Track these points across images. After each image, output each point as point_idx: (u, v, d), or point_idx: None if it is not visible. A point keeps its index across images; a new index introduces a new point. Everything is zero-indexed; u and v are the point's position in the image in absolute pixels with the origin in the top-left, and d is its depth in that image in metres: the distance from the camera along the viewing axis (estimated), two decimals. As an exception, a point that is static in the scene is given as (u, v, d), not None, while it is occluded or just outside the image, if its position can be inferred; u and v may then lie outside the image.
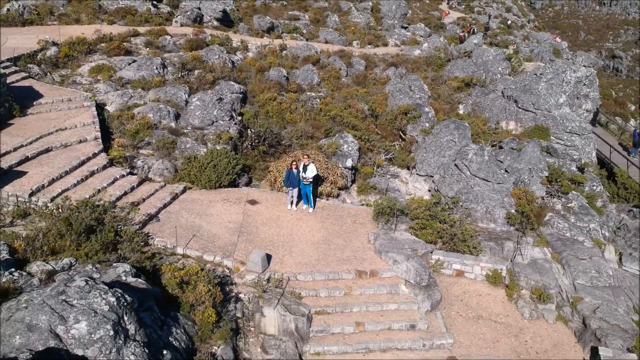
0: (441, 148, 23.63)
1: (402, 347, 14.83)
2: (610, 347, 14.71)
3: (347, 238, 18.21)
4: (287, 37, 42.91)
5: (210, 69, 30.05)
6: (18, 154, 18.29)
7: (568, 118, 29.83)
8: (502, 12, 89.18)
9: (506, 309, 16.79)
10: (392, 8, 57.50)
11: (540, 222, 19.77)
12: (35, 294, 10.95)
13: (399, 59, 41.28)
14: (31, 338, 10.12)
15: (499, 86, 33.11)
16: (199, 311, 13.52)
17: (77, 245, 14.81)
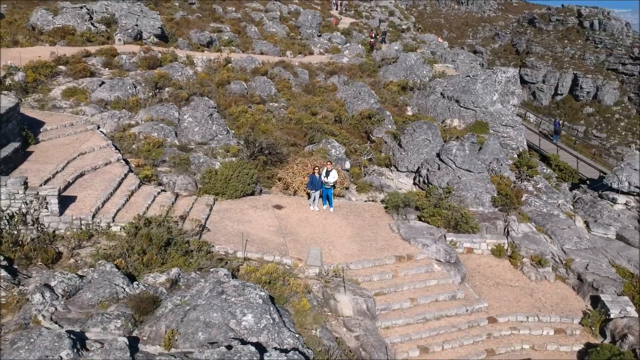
0: (418, 146, 26.82)
1: (450, 314, 17.66)
2: (607, 293, 18.53)
3: (373, 230, 20.74)
4: (226, 50, 44.32)
5: (180, 86, 31.14)
6: (59, 179, 18.86)
7: (502, 113, 34.41)
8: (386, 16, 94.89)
9: (515, 275, 20.21)
10: (309, 18, 60.38)
11: (519, 202, 23.52)
12: (197, 297, 12.46)
13: (336, 67, 44.23)
14: (212, 333, 11.71)
15: (437, 88, 37.10)
16: (294, 302, 15.45)
17: (162, 258, 16.11)
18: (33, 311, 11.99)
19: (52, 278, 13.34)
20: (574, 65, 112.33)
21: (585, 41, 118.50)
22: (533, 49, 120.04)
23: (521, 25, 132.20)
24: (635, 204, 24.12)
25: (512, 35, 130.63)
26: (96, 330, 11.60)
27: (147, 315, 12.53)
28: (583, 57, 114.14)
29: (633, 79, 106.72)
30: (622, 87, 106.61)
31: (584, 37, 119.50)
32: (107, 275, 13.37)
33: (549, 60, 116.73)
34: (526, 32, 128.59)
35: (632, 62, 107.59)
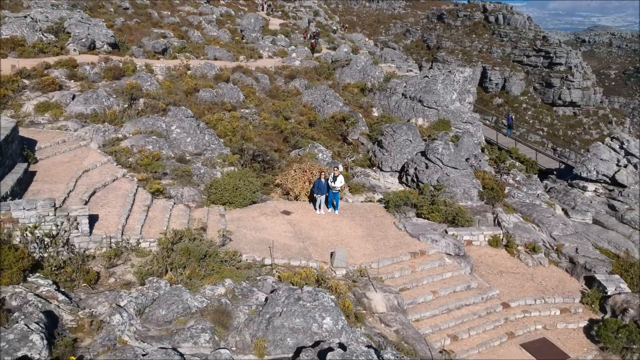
0: (401, 147, 28.12)
1: (468, 303, 19.01)
2: (599, 273, 20.52)
3: (381, 229, 21.78)
4: (181, 57, 43.91)
5: (153, 96, 30.87)
6: (74, 199, 18.58)
7: (461, 111, 36.44)
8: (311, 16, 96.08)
9: (514, 263, 21.87)
10: (252, 21, 60.57)
11: (503, 194, 25.30)
12: (273, 305, 12.98)
13: (292, 71, 44.97)
14: (298, 338, 12.31)
15: (398, 89, 38.67)
16: (339, 302, 16.20)
17: (203, 271, 16.41)
18: (116, 332, 12.11)
19: (120, 298, 13.43)
20: (483, 59, 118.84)
21: (492, 35, 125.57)
22: (443, 44, 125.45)
23: (430, 21, 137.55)
24: (603, 191, 26.56)
25: (423, 31, 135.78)
26: (187, 346, 11.91)
27: (224, 326, 12.92)
28: (490, 50, 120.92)
29: (537, 69, 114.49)
30: (528, 77, 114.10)
31: (490, 32, 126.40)
32: (174, 291, 13.60)
33: (459, 54, 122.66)
34: (436, 28, 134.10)
35: (536, 54, 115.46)
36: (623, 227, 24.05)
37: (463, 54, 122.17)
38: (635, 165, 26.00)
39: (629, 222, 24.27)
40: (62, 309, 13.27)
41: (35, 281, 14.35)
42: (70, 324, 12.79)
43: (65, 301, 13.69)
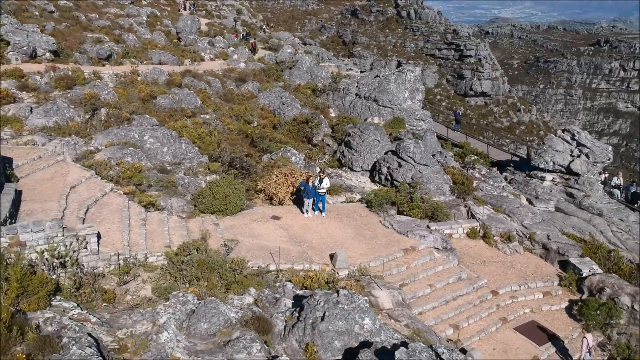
0: (370, 147, 29.02)
1: (462, 293, 20.18)
2: (572, 256, 22.30)
3: (369, 228, 22.58)
4: (126, 62, 42.81)
5: (114, 105, 30.15)
6: (70, 217, 18.10)
7: (413, 108, 37.91)
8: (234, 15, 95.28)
9: (493, 252, 23.32)
10: (188, 23, 59.80)
11: (472, 188, 26.77)
12: (313, 310, 13.45)
13: (241, 73, 44.96)
14: (344, 339, 12.91)
15: (352, 89, 39.60)
16: (355, 303, 16.85)
17: (224, 280, 16.61)
18: (166, 349, 12.24)
19: (158, 315, 13.46)
20: (397, 53, 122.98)
21: (405, 30, 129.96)
22: (358, 39, 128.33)
23: (345, 17, 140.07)
24: (560, 180, 28.64)
25: (338, 27, 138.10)
26: (242, 357, 12.20)
27: (267, 334, 13.27)
28: (404, 44, 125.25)
29: (449, 62, 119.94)
30: (441, 70, 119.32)
31: (403, 26, 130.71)
32: (210, 304, 13.77)
33: (374, 49, 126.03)
34: (350, 24, 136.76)
35: (447, 47, 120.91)
36: (582, 212, 26.12)
37: (378, 49, 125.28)
38: (587, 155, 28.26)
39: (587, 207, 26.38)
40: (99, 331, 13.19)
41: (59, 304, 14.12)
42: (111, 345, 12.77)
43: (98, 322, 13.61)
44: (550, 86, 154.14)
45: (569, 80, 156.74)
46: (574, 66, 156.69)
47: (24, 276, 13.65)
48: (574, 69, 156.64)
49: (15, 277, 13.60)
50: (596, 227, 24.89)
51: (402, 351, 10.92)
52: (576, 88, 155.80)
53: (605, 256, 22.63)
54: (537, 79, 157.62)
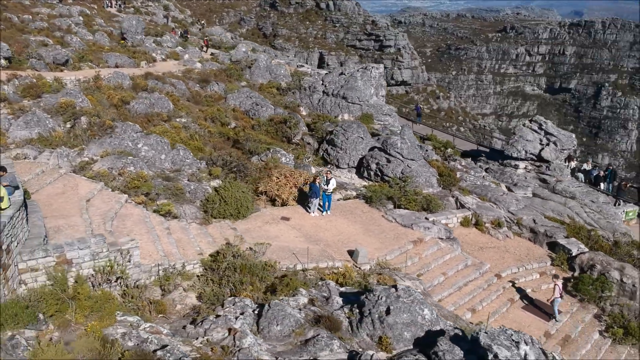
0: (355, 144, 30.03)
1: (471, 278, 21.66)
2: (559, 238, 24.31)
3: (375, 224, 23.65)
4: (84, 67, 41.63)
5: (96, 114, 29.57)
6: (99, 231, 18.09)
7: (379, 104, 39.30)
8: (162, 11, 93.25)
9: (487, 239, 25.00)
10: (134, 23, 58.38)
11: (457, 179, 28.39)
12: (375, 304, 14.36)
13: (201, 74, 44.80)
14: (412, 330, 13.95)
15: (318, 87, 40.43)
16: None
17: (264, 283, 17.21)
18: (253, 354, 12.82)
19: (231, 321, 13.96)
20: (319, 45, 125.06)
21: (325, 21, 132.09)
22: (279, 32, 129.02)
23: (264, 9, 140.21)
24: (532, 167, 30.81)
25: (257, 19, 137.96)
26: (325, 354, 12.97)
27: (337, 332, 14.08)
28: (325, 36, 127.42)
29: (369, 52, 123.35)
30: (362, 60, 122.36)
31: (323, 18, 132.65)
32: (277, 307, 14.40)
33: (296, 41, 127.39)
34: (270, 16, 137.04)
35: (367, 38, 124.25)
36: (557, 196, 28.31)
37: (300, 41, 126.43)
38: (555, 142, 30.56)
39: (560, 192, 28.63)
40: (174, 342, 13.55)
41: (124, 319, 14.32)
42: (191, 354, 13.16)
43: (169, 334, 13.95)
44: (462, 72, 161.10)
45: (479, 66, 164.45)
46: (483, 52, 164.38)
47: (90, 294, 13.79)
48: (483, 55, 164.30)
49: (84, 296, 13.72)
50: (571, 209, 27.12)
51: (485, 336, 12.03)
52: (486, 73, 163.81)
53: (586, 236, 24.81)
54: (449, 66, 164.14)
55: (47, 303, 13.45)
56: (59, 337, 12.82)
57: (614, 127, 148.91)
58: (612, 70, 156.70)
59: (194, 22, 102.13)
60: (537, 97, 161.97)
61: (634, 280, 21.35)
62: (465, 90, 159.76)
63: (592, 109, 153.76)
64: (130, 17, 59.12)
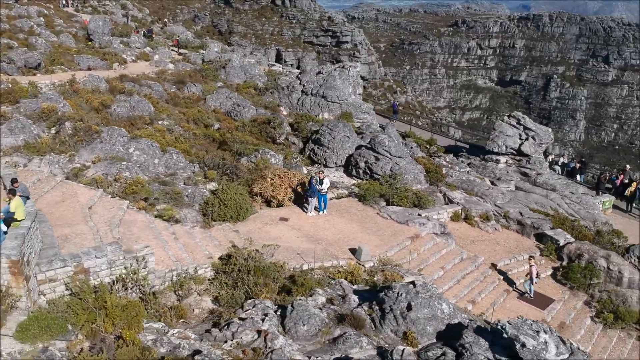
0: (342, 143, 30.48)
1: (468, 271, 22.43)
2: (545, 229, 25.34)
3: (371, 221, 24.16)
4: (57, 70, 40.81)
5: (80, 118, 29.17)
6: (107, 238, 18.01)
7: (358, 102, 39.88)
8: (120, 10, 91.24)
9: (478, 232, 25.84)
10: (100, 24, 57.36)
11: (443, 175, 29.18)
12: (394, 301, 14.86)
13: (176, 75, 44.54)
14: (434, 324, 14.49)
15: (297, 87, 40.69)
16: (398, 291, 18.43)
17: (278, 285, 17.52)
18: (286, 354, 13.15)
19: (259, 323, 14.24)
20: (275, 41, 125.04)
21: (281, 18, 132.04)
22: (235, 29, 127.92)
23: (218, 6, 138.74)
24: (513, 161, 31.90)
25: (212, 16, 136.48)
26: (356, 351, 13.42)
27: (362, 329, 14.52)
28: (282, 33, 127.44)
29: (327, 49, 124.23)
30: (319, 57, 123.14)
31: (279, 14, 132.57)
32: (298, 307, 14.73)
33: (252, 38, 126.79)
34: (225, 13, 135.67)
35: (324, 34, 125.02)
36: (538, 189, 29.44)
37: (256, 38, 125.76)
38: (533, 137, 31.71)
39: (541, 184, 29.77)
40: (204, 346, 13.76)
41: (149, 326, 14.50)
42: (223, 357, 13.40)
43: (197, 338, 14.16)
44: (415, 67, 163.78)
45: (433, 61, 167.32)
46: (436, 47, 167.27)
47: (118, 303, 13.86)
48: (436, 50, 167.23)
49: (111, 304, 13.78)
50: (553, 201, 28.27)
51: (510, 327, 12.66)
52: (439, 67, 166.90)
53: (570, 226, 25.94)
54: (403, 60, 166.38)
55: (75, 313, 13.45)
56: (90, 347, 12.90)
57: (563, 118, 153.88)
58: (560, 63, 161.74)
59: (154, 20, 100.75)
60: (489, 90, 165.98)
61: (620, 267, 22.50)
62: (419, 85, 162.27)
63: (541, 101, 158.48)
64: (96, 18, 58.03)
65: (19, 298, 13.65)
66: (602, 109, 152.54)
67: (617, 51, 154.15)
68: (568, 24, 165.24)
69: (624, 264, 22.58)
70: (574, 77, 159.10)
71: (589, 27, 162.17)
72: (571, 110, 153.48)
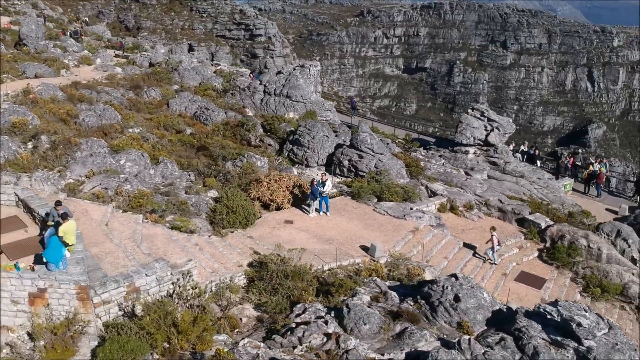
0: (322, 142, 31.18)
1: (467, 259, 23.93)
2: (526, 214, 27.28)
3: (370, 218, 25.12)
4: (6, 79, 38.73)
5: (54, 131, 28.17)
6: (138, 254, 17.94)
7: (320, 101, 40.71)
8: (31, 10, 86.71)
9: (464, 221, 27.41)
10: (33, 28, 54.70)
11: (422, 169, 30.57)
12: (438, 296, 15.90)
13: (129, 80, 43.52)
14: (481, 312, 15.64)
15: (259, 87, 40.85)
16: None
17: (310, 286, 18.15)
18: (361, 353, 13.88)
19: (324, 326, 14.84)
20: (187, 36, 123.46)
21: (191, 12, 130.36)
22: (143, 24, 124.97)
23: (123, 1, 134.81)
24: (481, 152, 33.81)
25: (117, 11, 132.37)
26: (422, 344, 14.34)
27: (417, 323, 15.45)
28: (192, 27, 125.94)
29: (240, 42, 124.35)
30: (233, 50, 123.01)
31: (189, 8, 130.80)
32: (356, 308, 15.47)
33: (162, 33, 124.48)
34: (131, 8, 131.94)
35: (237, 28, 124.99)
36: (509, 177, 31.49)
37: (166, 33, 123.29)
38: (498, 128, 33.76)
39: (510, 172, 31.86)
40: (277, 354, 14.28)
41: (216, 338, 14.79)
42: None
43: (266, 346, 14.61)
44: (325, 57, 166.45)
45: (341, 51, 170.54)
46: (343, 37, 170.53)
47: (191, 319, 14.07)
48: (344, 40, 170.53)
49: (183, 321, 13.96)
50: (524, 187, 30.38)
51: (562, 308, 14.01)
52: (348, 57, 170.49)
53: (545, 210, 28.05)
54: (312, 51, 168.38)
55: (149, 333, 13.53)
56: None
57: (467, 101, 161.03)
58: (462, 49, 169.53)
59: (71, 20, 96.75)
60: (396, 78, 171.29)
61: (599, 244, 24.73)
62: (330, 75, 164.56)
63: (446, 86, 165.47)
64: (28, 21, 55.20)
65: (87, 323, 13.60)
66: (503, 91, 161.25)
67: (514, 36, 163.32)
68: (467, 11, 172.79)
69: (601, 242, 24.82)
70: (476, 62, 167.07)
71: (486, 14, 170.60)
72: (474, 94, 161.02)
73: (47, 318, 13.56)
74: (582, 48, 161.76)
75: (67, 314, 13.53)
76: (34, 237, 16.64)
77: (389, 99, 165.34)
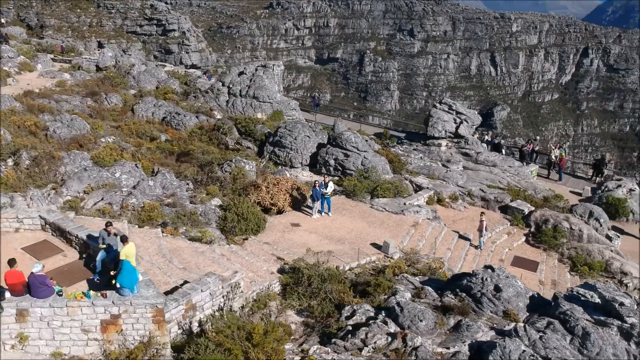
0: (304, 143, 31.51)
1: (467, 249, 25.20)
2: (508, 202, 28.92)
3: (370, 215, 25.85)
4: (-50, 91, 36.26)
5: (31, 146, 26.95)
6: (173, 270, 17.79)
7: (285, 100, 40.93)
8: None
9: (453, 212, 28.69)
10: (-36, 33, 51.45)
11: (404, 163, 31.60)
12: (478, 288, 16.89)
13: (82, 86, 41.92)
14: (522, 299, 16.77)
15: (223, 89, 40.46)
16: (441, 274, 20.52)
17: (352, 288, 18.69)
18: (428, 348, 14.64)
19: (385, 326, 15.45)
20: (95, 33, 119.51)
21: (98, 8, 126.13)
22: (47, 22, 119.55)
23: None
24: (452, 144, 35.25)
25: (17, 9, 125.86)
26: (480, 335, 15.26)
27: (467, 315, 16.34)
28: (101, 24, 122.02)
29: (153, 38, 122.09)
30: (146, 47, 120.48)
31: (95, 5, 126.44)
32: (408, 306, 16.17)
33: (68, 31, 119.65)
34: (32, 6, 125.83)
35: (148, 23, 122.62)
36: (482, 166, 33.11)
37: (73, 31, 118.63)
38: (466, 120, 35.33)
39: (483, 162, 33.50)
40: (347, 357, 14.77)
41: (284, 348, 15.06)
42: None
43: (331, 351, 15.06)
44: (237, 50, 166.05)
45: (252, 43, 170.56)
46: (254, 29, 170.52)
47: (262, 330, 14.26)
48: (255, 32, 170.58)
49: (258, 334, 14.14)
50: (497, 176, 32.13)
51: (602, 289, 15.33)
52: (260, 50, 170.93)
53: (523, 196, 29.84)
54: (224, 45, 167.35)
55: (227, 350, 13.61)
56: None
57: (379, 90, 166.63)
58: (371, 38, 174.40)
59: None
60: (309, 69, 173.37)
61: (579, 226, 26.72)
62: None
63: (358, 75, 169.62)
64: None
65: (163, 346, 13.51)
66: (412, 79, 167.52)
67: (420, 24, 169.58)
68: (375, 1, 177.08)
69: (581, 223, 26.83)
70: (385, 51, 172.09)
71: (393, 3, 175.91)
72: (385, 82, 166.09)
73: (120, 344, 13.33)
74: (485, 34, 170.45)
75: (141, 337, 13.36)
76: (75, 261, 16.11)
77: (303, 90, 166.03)
